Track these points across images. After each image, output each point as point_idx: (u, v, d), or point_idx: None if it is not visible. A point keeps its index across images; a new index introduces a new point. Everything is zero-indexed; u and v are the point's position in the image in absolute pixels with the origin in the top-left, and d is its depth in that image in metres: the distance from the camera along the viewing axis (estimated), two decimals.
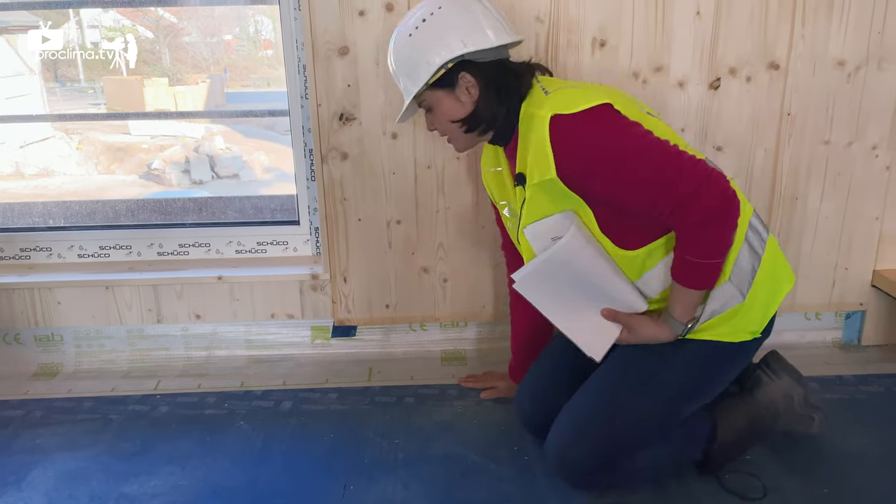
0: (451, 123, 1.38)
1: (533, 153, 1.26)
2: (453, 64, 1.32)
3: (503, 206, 1.52)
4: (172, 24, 10.77)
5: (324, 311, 1.99)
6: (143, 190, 8.71)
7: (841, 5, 1.74)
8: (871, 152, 1.85)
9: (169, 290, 1.97)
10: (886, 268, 1.94)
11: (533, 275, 1.35)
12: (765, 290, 1.36)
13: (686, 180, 1.18)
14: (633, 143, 1.21)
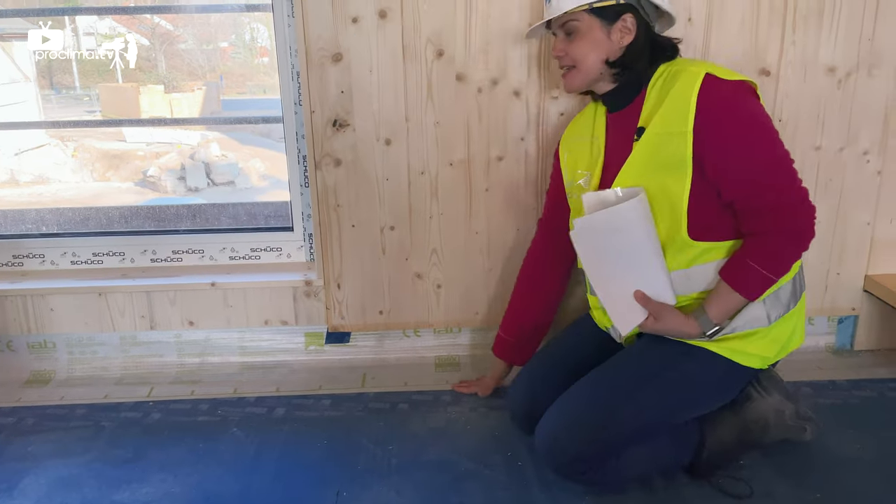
0: (592, 54, 1.37)
1: (669, 105, 1.28)
2: (625, 1, 1.34)
3: (580, 177, 1.53)
4: (168, 31, 10.78)
5: (317, 317, 1.99)
6: (139, 197, 8.70)
7: (831, 12, 1.75)
8: (862, 158, 1.86)
9: (162, 297, 1.97)
10: (878, 273, 1.95)
11: (589, 226, 1.37)
12: (788, 328, 1.40)
13: (794, 191, 1.25)
14: (767, 133, 1.27)
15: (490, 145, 1.86)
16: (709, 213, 1.31)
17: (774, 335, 1.38)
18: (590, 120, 1.54)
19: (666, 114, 1.28)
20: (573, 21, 1.38)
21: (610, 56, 1.37)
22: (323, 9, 1.74)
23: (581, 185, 1.52)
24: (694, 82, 1.25)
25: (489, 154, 1.86)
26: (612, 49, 1.37)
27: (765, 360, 1.39)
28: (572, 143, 1.58)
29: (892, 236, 1.93)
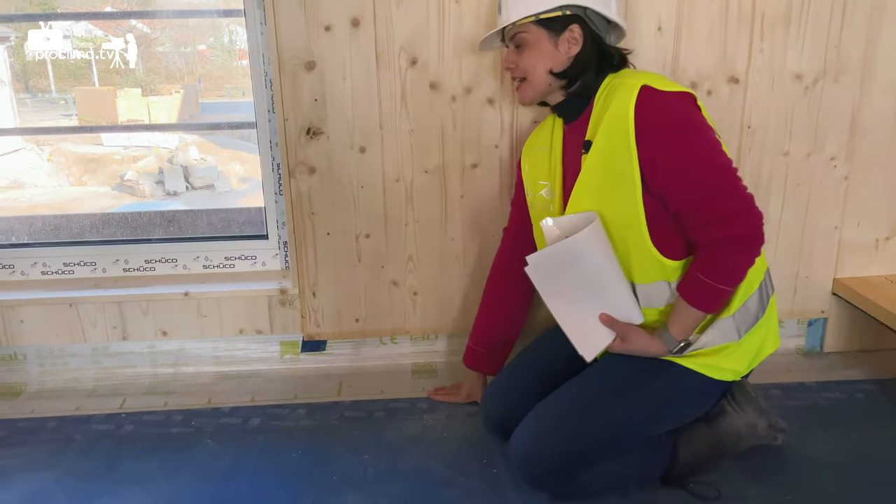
0: (540, 66, 1.38)
1: (610, 118, 1.28)
2: (572, 12, 1.34)
3: (541, 187, 1.53)
4: (146, 34, 10.65)
5: (293, 325, 1.98)
6: (116, 202, 8.60)
7: (798, 21, 1.78)
8: (829, 163, 1.89)
9: (134, 307, 1.95)
10: (846, 276, 1.98)
11: (546, 259, 1.35)
12: (758, 339, 1.40)
13: (737, 199, 1.24)
14: (705, 143, 1.26)
15: (465, 152, 1.86)
16: (667, 228, 1.31)
17: (745, 348, 1.39)
18: (549, 131, 1.55)
19: (608, 128, 1.28)
20: (522, 33, 1.39)
21: (556, 67, 1.38)
22: (295, 17, 1.73)
23: (543, 196, 1.52)
24: (630, 95, 1.25)
25: (464, 161, 1.87)
26: (560, 60, 1.37)
27: (737, 373, 1.40)
28: (532, 154, 1.58)
29: (859, 240, 1.96)
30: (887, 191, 1.93)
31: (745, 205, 1.25)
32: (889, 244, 1.97)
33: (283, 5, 1.72)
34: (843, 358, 2.03)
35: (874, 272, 1.99)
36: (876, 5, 1.78)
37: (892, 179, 1.92)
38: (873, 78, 1.83)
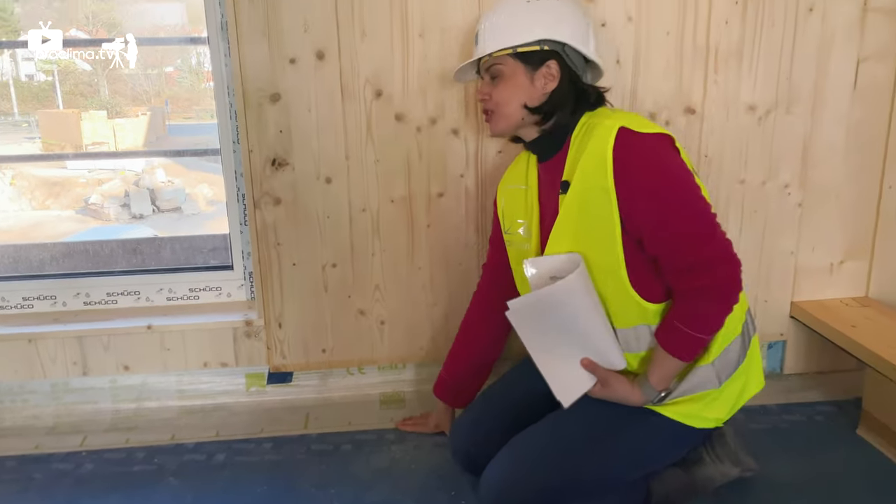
0: (514, 99, 1.37)
1: (587, 159, 1.26)
2: (549, 48, 1.34)
3: (518, 226, 1.51)
4: (111, 57, 10.54)
5: (258, 357, 1.97)
6: (80, 226, 8.44)
7: (750, 54, 1.84)
8: (783, 190, 1.95)
9: (95, 342, 1.92)
10: (803, 299, 2.03)
11: (528, 306, 1.33)
12: (739, 385, 1.39)
13: (714, 246, 1.23)
14: (683, 188, 1.25)
15: (430, 182, 1.88)
16: (647, 272, 1.30)
17: (726, 395, 1.38)
18: (523, 168, 1.53)
19: (586, 169, 1.27)
20: (498, 65, 1.38)
21: (531, 102, 1.36)
22: (259, 50, 1.74)
23: (521, 235, 1.50)
24: (608, 136, 1.24)
25: (430, 190, 1.89)
26: (535, 95, 1.36)
27: (718, 421, 1.39)
28: (508, 191, 1.57)
29: (815, 264, 2.02)
30: (840, 217, 1.99)
31: (723, 251, 1.23)
32: (843, 268, 2.03)
33: (247, 39, 1.73)
34: (803, 380, 2.07)
35: (829, 295, 2.04)
36: (825, 39, 1.85)
37: (843, 206, 1.98)
38: (823, 108, 1.90)
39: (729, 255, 1.24)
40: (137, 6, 2.97)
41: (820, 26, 1.84)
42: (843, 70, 1.88)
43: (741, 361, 1.38)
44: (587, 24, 1.40)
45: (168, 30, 4.49)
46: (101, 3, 7.41)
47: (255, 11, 1.71)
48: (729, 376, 1.36)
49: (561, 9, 1.37)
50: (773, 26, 1.83)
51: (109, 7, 7.93)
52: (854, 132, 1.93)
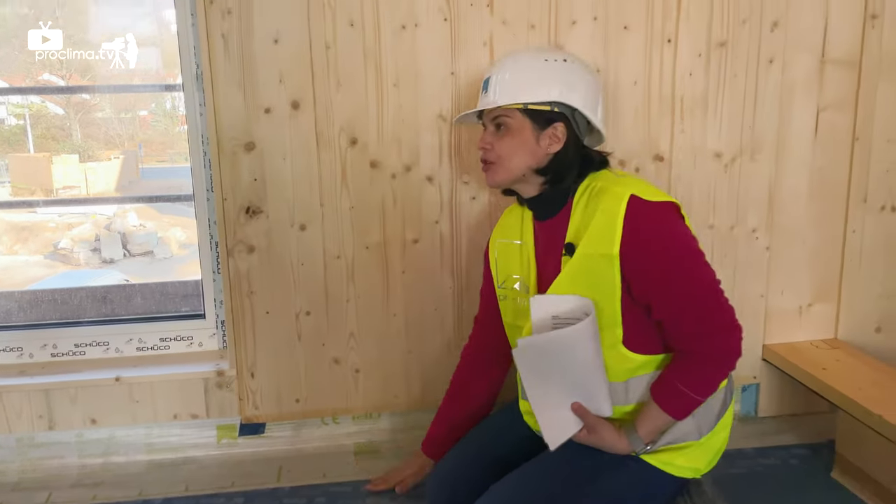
0: (518, 155, 1.36)
1: (597, 225, 1.27)
2: (559, 109, 1.34)
3: (514, 281, 1.50)
4: (84, 100, 10.52)
5: (230, 408, 1.93)
6: (49, 271, 8.28)
7: (714, 104, 1.90)
8: (751, 235, 1.99)
9: (62, 395, 1.87)
10: (774, 342, 2.06)
11: (536, 347, 1.33)
12: (720, 438, 1.41)
13: (720, 315, 1.26)
14: (693, 257, 1.28)
15: (405, 228, 1.89)
16: (642, 328, 1.32)
17: (707, 447, 1.39)
18: (517, 222, 1.52)
19: (594, 235, 1.27)
20: (506, 117, 1.37)
21: (535, 161, 1.36)
22: (234, 100, 1.75)
23: (516, 290, 1.50)
24: (620, 204, 1.25)
25: (405, 237, 1.89)
26: (539, 154, 1.36)
27: (697, 471, 1.40)
28: (502, 245, 1.55)
29: (784, 307, 2.05)
30: (806, 260, 2.03)
31: (728, 320, 1.27)
32: (812, 311, 2.07)
33: (222, 89, 1.74)
34: (777, 423, 2.09)
35: (800, 338, 2.08)
36: (785, 89, 1.92)
37: (810, 249, 2.03)
38: (786, 156, 1.96)
39: (732, 324, 1.28)
40: (111, 50, 2.96)
41: (780, 77, 1.91)
42: (803, 119, 1.95)
43: (722, 414, 1.40)
44: (598, 92, 1.42)
45: (143, 75, 4.50)
46: (74, 48, 7.36)
47: (230, 63, 1.73)
48: (710, 429, 1.38)
49: (577, 74, 1.38)
50: (735, 77, 1.90)
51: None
52: (817, 178, 1.99)
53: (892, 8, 1.91)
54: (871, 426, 1.65)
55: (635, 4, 1.82)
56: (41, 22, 2.07)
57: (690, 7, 1.84)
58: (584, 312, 1.30)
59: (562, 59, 1.39)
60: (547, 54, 1.40)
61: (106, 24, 2.80)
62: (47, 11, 2.83)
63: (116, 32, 2.76)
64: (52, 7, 2.81)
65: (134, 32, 2.62)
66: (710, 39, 1.87)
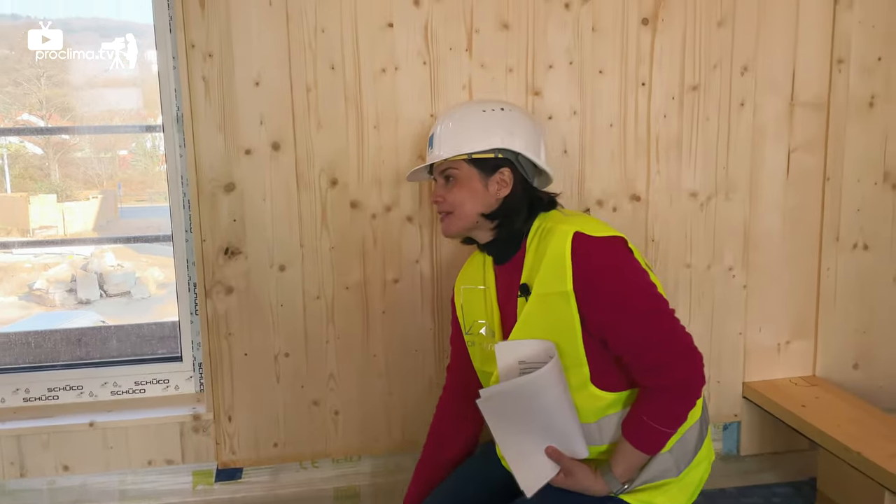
0: (469, 204, 1.39)
1: (547, 265, 1.28)
2: (503, 156, 1.37)
3: (480, 326, 1.49)
4: (63, 140, 10.48)
5: (206, 453, 1.89)
6: (24, 312, 8.13)
7: (689, 145, 1.94)
8: (728, 273, 2.02)
9: (34, 440, 1.82)
10: (754, 380, 2.07)
11: (500, 396, 1.32)
12: (698, 473, 1.41)
13: (677, 344, 1.26)
14: (642, 289, 1.28)
15: (386, 268, 1.89)
16: (608, 365, 1.32)
17: (686, 482, 1.38)
18: (479, 268, 1.52)
19: (546, 275, 1.29)
20: (452, 169, 1.40)
21: (486, 207, 1.39)
22: (215, 142, 1.76)
23: (483, 335, 1.50)
24: (565, 241, 1.27)
25: (385, 277, 1.89)
26: (489, 200, 1.39)
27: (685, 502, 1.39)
28: (466, 291, 1.55)
29: (763, 344, 2.07)
30: (783, 298, 2.06)
31: (686, 348, 1.27)
32: (790, 348, 2.09)
33: (202, 131, 1.75)
34: (759, 461, 2.08)
35: (779, 375, 2.09)
36: (756, 131, 1.97)
37: (785, 288, 2.05)
38: (760, 195, 2.00)
39: (690, 352, 1.27)
40: (92, 91, 2.96)
41: (751, 119, 1.96)
42: (775, 160, 1.99)
43: (699, 448, 1.40)
44: (539, 135, 1.45)
45: (123, 115, 4.51)
46: (55, 89, 7.39)
47: (211, 105, 1.74)
48: (688, 464, 1.37)
49: (516, 120, 1.42)
50: (707, 119, 1.94)
51: (63, 92, 7.93)
52: (790, 218, 2.03)
53: (857, 53, 1.98)
54: (850, 463, 1.66)
55: (609, 49, 1.87)
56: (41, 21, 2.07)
57: (663, 52, 1.90)
58: (549, 355, 1.30)
59: (499, 107, 1.43)
60: (485, 105, 1.44)
61: (86, 67, 2.81)
62: (28, 54, 2.83)
63: (97, 73, 2.77)
64: (31, 51, 2.83)
65: (114, 73, 2.63)
66: (683, 83, 1.92)
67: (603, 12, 1.86)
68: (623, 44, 1.88)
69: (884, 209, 2.07)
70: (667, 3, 1.88)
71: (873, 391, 2.13)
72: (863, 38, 1.98)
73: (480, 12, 1.81)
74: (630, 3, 1.87)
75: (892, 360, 2.14)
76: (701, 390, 1.29)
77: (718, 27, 1.91)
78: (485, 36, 1.82)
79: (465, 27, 1.81)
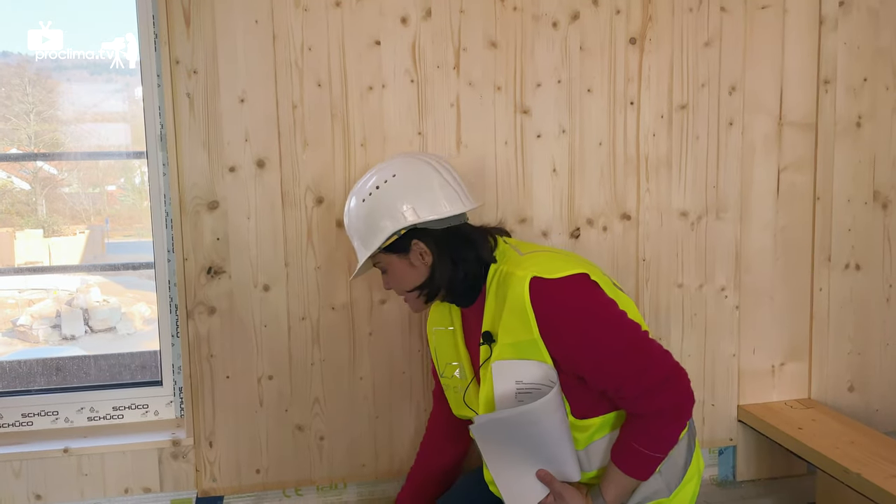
0: (405, 286, 1.38)
1: (509, 313, 1.24)
2: (405, 231, 1.32)
3: (453, 368, 1.47)
4: (51, 175, 10.45)
5: (186, 481, 1.81)
6: (6, 349, 7.98)
7: (678, 164, 1.94)
8: (720, 294, 1.99)
9: (5, 468, 1.74)
10: (748, 403, 2.03)
11: (495, 422, 1.28)
12: (689, 491, 1.37)
13: (656, 370, 1.22)
14: (610, 322, 1.24)
15: (373, 288, 1.85)
16: (585, 395, 1.28)
17: (682, 499, 1.35)
18: (446, 309, 1.51)
19: (510, 324, 1.25)
20: (377, 263, 1.41)
21: (418, 280, 1.36)
22: (199, 159, 1.73)
23: (457, 377, 1.47)
24: (522, 289, 1.23)
25: (372, 297, 1.85)
26: (420, 273, 1.36)
27: None
28: (437, 333, 1.54)
29: (757, 367, 2.04)
30: (776, 319, 2.03)
31: (666, 372, 1.23)
32: (784, 370, 2.06)
33: (186, 148, 1.72)
34: (756, 487, 2.03)
35: (774, 398, 2.05)
36: (746, 150, 1.97)
37: (778, 308, 2.03)
38: (750, 215, 1.99)
39: (672, 375, 1.23)
40: (81, 127, 2.95)
41: (740, 139, 1.96)
42: (765, 179, 1.99)
43: (688, 465, 1.36)
44: (428, 185, 1.35)
45: (109, 147, 4.48)
46: (44, 124, 7.40)
47: (195, 122, 1.72)
48: (679, 483, 1.34)
49: (393, 192, 1.34)
50: (697, 139, 1.94)
51: (52, 128, 7.93)
52: (781, 237, 2.01)
53: (843, 73, 1.99)
54: (849, 485, 1.61)
55: (598, 68, 1.88)
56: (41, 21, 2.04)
57: (651, 71, 1.90)
58: (550, 380, 1.26)
59: (375, 187, 1.35)
60: (364, 191, 1.37)
61: (77, 102, 2.79)
62: (19, 89, 2.84)
63: (87, 108, 2.75)
64: (23, 85, 2.82)
65: (103, 109, 2.63)
66: (672, 102, 1.92)
67: (590, 32, 1.87)
68: (611, 63, 1.88)
69: (874, 229, 2.06)
70: (654, 24, 1.89)
71: (869, 415, 2.10)
72: (848, 59, 2.00)
73: (468, 31, 1.81)
74: (618, 23, 1.88)
75: (886, 382, 2.12)
76: (691, 410, 1.26)
77: (705, 47, 1.92)
78: (473, 54, 1.82)
79: (453, 45, 1.81)
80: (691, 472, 1.37)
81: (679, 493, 1.34)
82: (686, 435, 1.36)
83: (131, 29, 1.91)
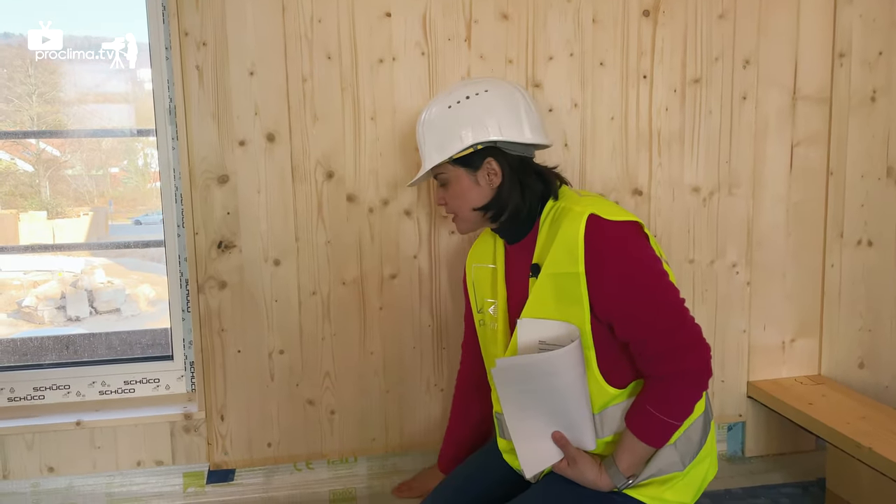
0: (464, 203, 1.37)
1: (559, 245, 1.25)
2: (483, 146, 1.33)
3: (489, 305, 1.47)
4: (54, 157, 10.42)
5: (198, 454, 1.82)
6: (12, 329, 8.02)
7: (691, 139, 1.92)
8: (731, 270, 1.98)
9: (18, 441, 1.75)
10: (758, 379, 2.03)
11: (516, 368, 1.28)
12: (703, 468, 1.37)
13: (685, 333, 1.22)
14: (653, 275, 1.24)
15: (383, 263, 1.84)
16: (614, 354, 1.29)
17: (691, 478, 1.34)
18: (490, 247, 1.51)
19: (557, 255, 1.26)
20: (442, 173, 1.40)
21: (480, 201, 1.37)
22: (208, 132, 1.72)
23: (491, 314, 1.47)
24: (579, 223, 1.24)
25: (382, 272, 1.85)
26: (483, 193, 1.37)
27: (690, 499, 1.34)
28: (477, 270, 1.54)
29: (767, 343, 2.03)
30: (787, 295, 2.02)
31: (694, 338, 1.23)
32: (795, 346, 2.05)
33: (196, 121, 1.71)
34: (765, 462, 2.03)
35: (784, 374, 2.05)
36: (759, 125, 1.95)
37: (790, 284, 2.02)
38: (763, 190, 1.97)
39: (698, 342, 1.23)
40: (84, 108, 2.93)
41: (754, 113, 1.94)
42: (778, 154, 1.97)
43: (703, 443, 1.36)
44: (516, 107, 1.37)
45: (113, 125, 4.48)
46: (47, 105, 7.39)
47: (204, 95, 1.71)
48: (693, 458, 1.33)
49: (484, 105, 1.35)
50: (710, 114, 1.92)
51: (55, 109, 7.92)
52: (794, 213, 2.00)
53: (858, 47, 1.97)
54: (861, 459, 1.61)
55: (610, 41, 1.85)
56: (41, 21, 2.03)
57: (664, 44, 1.88)
58: (570, 339, 1.27)
59: (464, 96, 1.36)
60: (451, 98, 1.38)
61: (79, 83, 2.77)
62: (20, 71, 2.82)
63: (89, 89, 2.73)
64: (24, 68, 2.80)
65: (107, 90, 2.60)
66: (685, 76, 1.90)
67: (603, 4, 1.84)
68: (624, 36, 1.86)
69: (888, 205, 2.05)
70: None
71: (879, 391, 2.09)
72: (864, 33, 1.97)
73: (480, 3, 1.79)
74: None
75: None
76: (707, 382, 1.25)
77: (720, 19, 1.90)
78: (484, 26, 1.80)
79: (465, 17, 1.79)
80: (706, 450, 1.36)
81: (693, 468, 1.33)
82: (703, 414, 1.36)
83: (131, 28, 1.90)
